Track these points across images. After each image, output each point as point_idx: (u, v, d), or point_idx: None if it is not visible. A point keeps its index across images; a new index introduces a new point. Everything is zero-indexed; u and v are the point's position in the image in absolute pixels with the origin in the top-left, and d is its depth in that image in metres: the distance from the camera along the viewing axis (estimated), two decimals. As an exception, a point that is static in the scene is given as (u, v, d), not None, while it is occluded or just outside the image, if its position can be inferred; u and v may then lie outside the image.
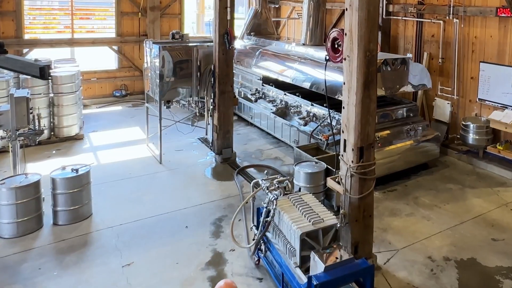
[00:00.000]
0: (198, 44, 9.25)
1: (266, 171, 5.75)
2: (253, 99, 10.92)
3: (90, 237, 6.14)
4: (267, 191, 5.38)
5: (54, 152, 9.26)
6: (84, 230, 6.28)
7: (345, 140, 5.47)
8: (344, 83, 5.46)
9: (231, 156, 9.11)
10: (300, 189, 5.70)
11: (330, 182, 5.66)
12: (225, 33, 8.63)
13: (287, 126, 9.85)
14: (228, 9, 8.67)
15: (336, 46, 5.80)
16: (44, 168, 8.10)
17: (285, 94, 10.06)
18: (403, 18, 11.25)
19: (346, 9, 5.37)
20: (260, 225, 5.28)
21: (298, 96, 9.59)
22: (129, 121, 11.54)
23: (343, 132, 5.53)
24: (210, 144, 9.31)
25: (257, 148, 10.03)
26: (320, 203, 5.31)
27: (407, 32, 11.30)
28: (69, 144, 9.73)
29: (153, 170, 8.47)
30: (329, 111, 6.52)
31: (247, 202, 5.72)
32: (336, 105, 8.68)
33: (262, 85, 11.00)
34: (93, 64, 13.98)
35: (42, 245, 5.91)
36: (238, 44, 12.36)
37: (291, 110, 9.66)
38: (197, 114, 9.63)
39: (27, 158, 8.49)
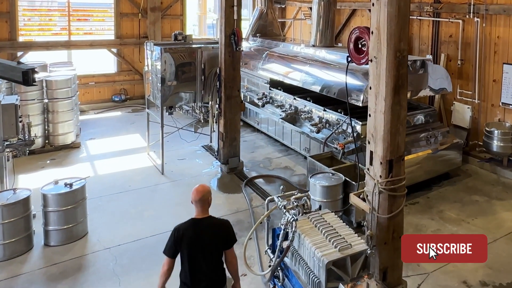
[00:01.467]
0: (202, 45, 8.65)
1: (282, 187, 5.15)
2: (260, 104, 10.31)
3: (85, 260, 5.51)
4: (284, 210, 4.75)
5: (48, 162, 8.65)
6: (79, 252, 5.65)
7: (371, 152, 4.86)
8: (370, 88, 4.85)
9: (238, 165, 8.49)
10: (320, 206, 5.10)
11: (354, 199, 5.03)
12: (232, 33, 8.03)
13: (297, 133, 9.24)
14: (235, 8, 8.06)
15: (359, 46, 5.20)
16: (37, 181, 7.48)
17: (294, 98, 9.45)
18: (418, 17, 10.64)
19: (373, 4, 4.74)
20: (277, 249, 4.66)
21: (309, 100, 8.98)
22: (129, 128, 10.93)
23: (369, 142, 4.91)
24: (216, 153, 8.70)
25: (265, 156, 9.41)
26: (344, 224, 4.69)
27: (422, 33, 10.69)
28: (65, 153, 9.11)
29: (154, 182, 7.85)
30: (350, 120, 5.90)
31: (261, 223, 5.09)
32: (351, 111, 8.10)
33: (270, 89, 10.39)
34: (91, 68, 13.39)
35: (32, 270, 5.29)
36: (243, 46, 11.75)
37: (302, 116, 9.04)
38: (201, 120, 9.02)
39: (19, 168, 7.88)
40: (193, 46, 8.61)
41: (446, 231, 6.46)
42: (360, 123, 7.66)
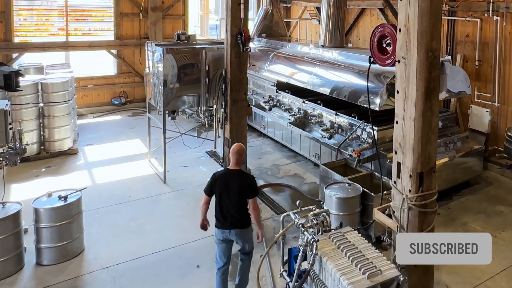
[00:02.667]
0: (206, 46, 8.16)
1: (298, 202, 4.65)
2: (266, 107, 9.81)
3: (80, 281, 5.01)
4: (302, 228, 4.25)
5: (43, 170, 8.15)
6: (74, 272, 5.16)
7: (399, 164, 4.36)
8: (397, 92, 4.35)
9: (244, 173, 7.98)
10: (341, 224, 4.60)
11: (379, 216, 4.55)
12: (239, 33, 7.54)
13: (307, 138, 8.74)
14: (242, 6, 7.57)
15: (383, 45, 4.71)
16: (31, 191, 7.00)
17: (303, 101, 8.96)
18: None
19: (401, -1, 4.25)
20: (295, 273, 4.15)
21: (320, 104, 8.48)
22: (129, 133, 10.43)
23: (395, 153, 4.42)
24: (221, 160, 8.20)
25: (272, 163, 8.91)
26: (370, 244, 4.18)
27: (436, 32, 10.18)
28: (61, 160, 8.61)
29: (156, 191, 7.35)
30: (372, 126, 5.40)
31: (275, 242, 4.59)
32: (363, 114, 7.63)
33: (277, 92, 9.89)
34: (90, 70, 12.90)
35: (21, 293, 4.79)
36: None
37: (312, 120, 8.54)
38: (206, 125, 8.53)
39: (11, 177, 7.41)
40: (197, 46, 8.12)
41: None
42: (376, 128, 7.16)
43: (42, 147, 8.72)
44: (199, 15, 18.71)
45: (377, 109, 6.95)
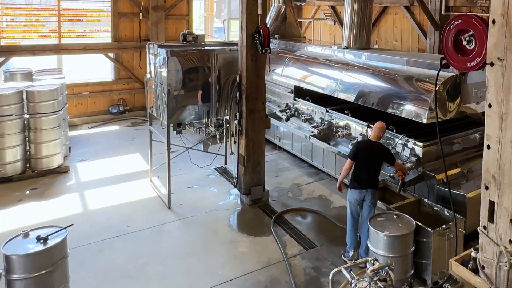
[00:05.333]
0: (217, 47, 7.03)
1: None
2: (284, 117, 8.67)
3: None
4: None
5: (28, 192, 7.01)
6: (54, 338, 3.99)
7: (492, 203, 3.20)
8: (489, 106, 3.20)
9: (262, 196, 6.86)
10: (411, 282, 3.48)
11: (460, 271, 3.39)
12: (256, 32, 6.42)
13: (332, 153, 7.61)
14: (259, 1, 6.45)
15: (464, 43, 3.57)
16: (10, 220, 5.91)
17: (327, 110, 7.82)
18: (468, 13, 8.99)
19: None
20: None
21: (348, 114, 7.33)
22: (128, 146, 9.29)
23: (486, 188, 3.26)
24: (235, 180, 7.05)
25: (292, 181, 7.76)
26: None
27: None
28: (50, 180, 7.47)
29: (159, 220, 6.20)
30: (440, 141, 4.23)
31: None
32: (401, 126, 6.50)
33: (295, 99, 8.76)
34: (85, 75, 11.76)
35: None
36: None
37: (339, 133, 7.39)
38: (218, 140, 7.38)
39: (-11, 203, 6.27)
40: (206, 48, 7.00)
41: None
42: (421, 144, 6.02)
43: (28, 165, 7.58)
44: (202, 16, 17.65)
45: (424, 121, 5.81)
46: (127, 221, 6.13)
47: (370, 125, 6.89)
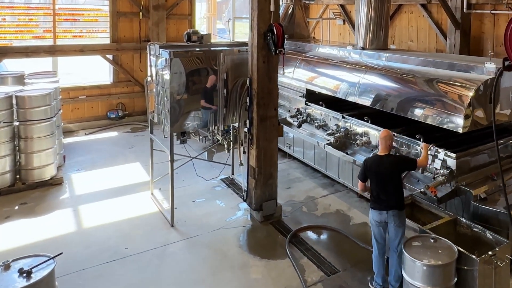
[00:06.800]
0: (225, 48, 6.41)
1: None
2: (295, 123, 8.06)
3: None
4: None
5: (17, 208, 6.38)
6: None
7: None
8: None
9: (274, 211, 6.23)
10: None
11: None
12: (269, 30, 5.79)
13: (347, 162, 6.99)
14: (272, -3, 5.83)
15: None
16: (-6, 242, 5.25)
17: (343, 117, 7.20)
18: (492, 11, 8.39)
19: None
20: None
21: (367, 121, 6.71)
22: (127, 154, 8.66)
23: None
24: (244, 194, 6.42)
25: (306, 194, 7.13)
26: None
27: (498, 31, 8.45)
28: (41, 193, 6.84)
29: (161, 240, 5.57)
30: (498, 151, 3.62)
31: None
32: (427, 134, 5.88)
33: (307, 104, 8.14)
34: (82, 78, 11.14)
35: None
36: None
37: (357, 141, 6.77)
38: (226, 149, 6.77)
39: (-27, 221, 5.65)
40: (213, 49, 6.38)
41: None
42: (454, 154, 5.39)
43: (18, 177, 6.96)
44: (205, 16, 17.05)
45: (460, 131, 5.18)
46: (126, 241, 5.50)
47: (393, 133, 6.28)
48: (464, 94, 5.30)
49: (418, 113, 5.78)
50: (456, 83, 5.56)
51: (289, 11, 10.49)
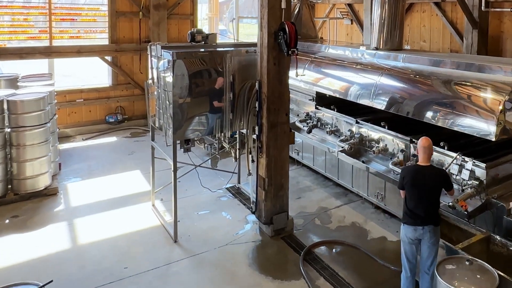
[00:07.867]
0: (232, 49, 5.95)
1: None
2: (305, 129, 7.59)
3: None
4: None
5: (7, 221, 5.92)
6: None
7: None
8: None
9: (286, 225, 5.76)
10: None
11: None
12: (281, 29, 5.33)
13: (362, 170, 6.52)
14: (283, -7, 5.38)
15: None
16: (-21, 262, 4.78)
17: (357, 121, 6.74)
18: (511, 9, 7.94)
19: None
20: None
21: (384, 127, 6.24)
22: (127, 161, 8.19)
23: None
24: (253, 206, 5.94)
25: (318, 205, 6.67)
26: None
27: (518, 30, 8.01)
28: (34, 205, 6.38)
29: (163, 258, 5.10)
30: None
31: None
32: (452, 141, 5.42)
33: (317, 108, 7.68)
34: (79, 80, 10.69)
35: None
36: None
37: (373, 148, 6.31)
38: (234, 158, 6.31)
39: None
40: (219, 49, 5.92)
41: None
42: (484, 164, 4.92)
43: (10, 187, 6.49)
44: (207, 17, 16.61)
45: (493, 139, 4.71)
46: (124, 260, 5.03)
47: (412, 139, 5.83)
48: (496, 99, 4.83)
49: (443, 118, 5.32)
50: (487, 86, 5.09)
51: (296, 11, 10.03)
